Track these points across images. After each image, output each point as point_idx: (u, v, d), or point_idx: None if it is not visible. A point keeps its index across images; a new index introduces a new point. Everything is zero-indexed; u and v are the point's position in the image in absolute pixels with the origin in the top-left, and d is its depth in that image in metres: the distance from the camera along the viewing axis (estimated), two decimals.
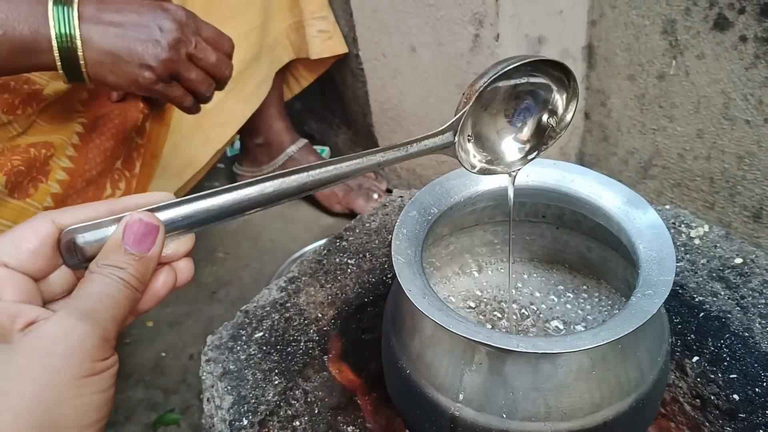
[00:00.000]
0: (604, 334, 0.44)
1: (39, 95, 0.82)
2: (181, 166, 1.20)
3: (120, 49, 0.77)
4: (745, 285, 0.67)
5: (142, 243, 0.43)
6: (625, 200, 0.55)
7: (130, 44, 0.77)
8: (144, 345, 1.26)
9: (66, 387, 0.38)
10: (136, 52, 0.77)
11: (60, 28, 0.74)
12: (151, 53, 0.78)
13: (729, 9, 0.83)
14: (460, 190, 0.58)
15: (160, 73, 0.79)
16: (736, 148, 0.91)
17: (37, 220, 0.42)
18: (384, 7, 1.16)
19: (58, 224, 0.42)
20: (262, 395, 0.63)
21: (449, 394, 0.49)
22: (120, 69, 0.78)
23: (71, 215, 0.43)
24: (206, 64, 0.84)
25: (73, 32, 0.75)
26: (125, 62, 0.77)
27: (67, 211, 0.43)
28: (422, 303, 0.46)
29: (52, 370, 0.38)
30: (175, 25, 0.79)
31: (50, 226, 0.42)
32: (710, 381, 0.62)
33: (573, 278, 0.67)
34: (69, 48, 0.75)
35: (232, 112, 1.24)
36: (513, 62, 0.48)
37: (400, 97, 1.28)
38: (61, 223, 0.42)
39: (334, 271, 0.76)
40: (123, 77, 0.79)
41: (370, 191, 1.47)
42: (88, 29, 0.76)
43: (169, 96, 0.84)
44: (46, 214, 0.42)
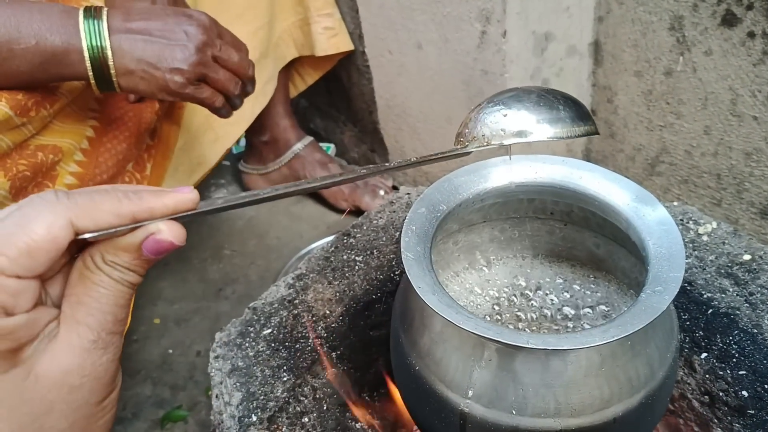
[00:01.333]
0: (614, 330, 0.44)
1: (53, 95, 0.82)
2: (192, 165, 1.21)
3: (150, 56, 0.79)
4: (754, 281, 0.67)
5: (162, 254, 0.41)
6: (634, 197, 0.55)
7: (158, 51, 0.79)
8: (151, 342, 1.26)
9: (92, 414, 0.40)
10: (165, 58, 0.80)
11: (91, 40, 0.76)
12: (179, 57, 0.80)
13: (737, 5, 0.82)
14: (469, 186, 0.58)
15: (190, 76, 0.82)
16: (743, 145, 0.91)
17: (56, 226, 0.37)
18: (390, 3, 1.16)
19: (77, 229, 0.38)
20: (270, 391, 0.63)
21: (459, 391, 0.49)
22: (150, 75, 0.80)
23: (91, 220, 0.38)
24: (231, 64, 0.86)
25: (104, 43, 0.77)
26: (155, 68, 0.80)
27: (88, 212, 0.38)
28: (432, 300, 0.46)
29: (81, 403, 0.39)
30: (200, 29, 0.82)
31: (69, 233, 0.37)
32: (719, 378, 0.62)
33: (581, 274, 0.67)
34: (100, 58, 0.77)
35: (241, 110, 1.25)
36: None
37: (406, 94, 1.28)
38: (80, 228, 0.38)
39: (341, 268, 0.76)
40: (154, 84, 0.81)
41: (376, 188, 1.47)
42: (118, 39, 0.78)
43: (199, 98, 0.85)
44: (63, 212, 0.37)
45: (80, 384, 0.38)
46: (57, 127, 0.87)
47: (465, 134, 0.51)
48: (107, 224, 0.38)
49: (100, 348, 0.39)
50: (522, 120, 0.49)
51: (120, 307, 0.40)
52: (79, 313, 0.39)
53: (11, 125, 0.78)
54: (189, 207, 0.41)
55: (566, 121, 0.49)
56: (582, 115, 0.50)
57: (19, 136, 0.80)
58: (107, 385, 0.40)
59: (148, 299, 1.35)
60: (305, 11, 1.37)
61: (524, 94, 0.50)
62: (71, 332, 0.38)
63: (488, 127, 0.49)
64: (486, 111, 0.50)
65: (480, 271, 0.68)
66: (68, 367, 0.38)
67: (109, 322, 0.39)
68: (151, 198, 0.40)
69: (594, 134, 0.50)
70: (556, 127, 0.49)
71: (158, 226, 0.39)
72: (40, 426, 0.38)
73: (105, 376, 0.40)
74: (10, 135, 0.79)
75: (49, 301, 0.40)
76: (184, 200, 0.41)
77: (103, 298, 0.39)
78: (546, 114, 0.49)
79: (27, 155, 0.81)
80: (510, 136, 0.49)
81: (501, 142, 0.49)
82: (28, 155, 0.81)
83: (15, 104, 0.78)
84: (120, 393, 0.42)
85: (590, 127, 0.50)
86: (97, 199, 0.38)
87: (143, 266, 0.40)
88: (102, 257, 0.39)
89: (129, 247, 0.39)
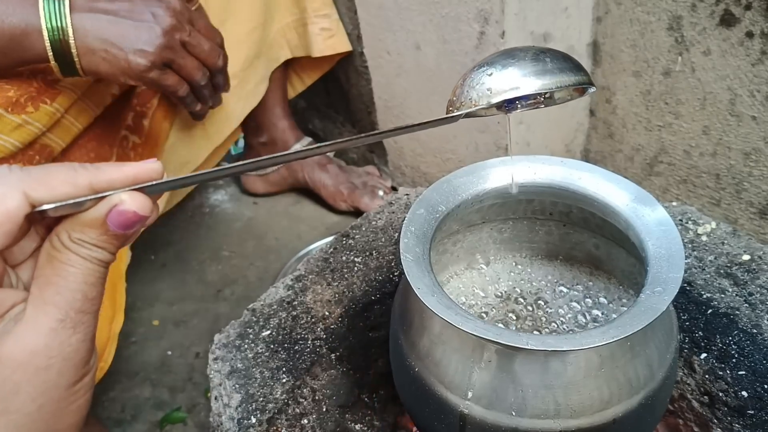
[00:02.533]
0: (614, 331, 0.43)
1: (52, 88, 0.80)
2: (180, 164, 1.20)
3: (113, 36, 0.76)
4: (753, 282, 0.67)
5: (129, 227, 0.39)
6: (633, 197, 0.55)
7: (123, 31, 0.76)
8: (150, 344, 1.26)
9: (63, 398, 0.38)
10: (129, 39, 0.76)
11: (51, 20, 0.73)
12: (144, 39, 0.77)
13: (735, 5, 0.82)
14: (468, 187, 0.58)
15: (155, 59, 0.79)
16: (742, 145, 0.91)
17: (8, 197, 0.36)
18: (388, 4, 1.16)
19: (32, 201, 0.36)
20: (270, 393, 0.63)
21: (458, 392, 0.49)
22: (113, 56, 0.77)
23: (46, 189, 0.37)
24: (200, 51, 0.83)
25: (64, 23, 0.74)
26: (119, 49, 0.77)
27: (42, 183, 0.37)
28: (431, 301, 0.46)
29: (50, 385, 0.38)
30: (170, 12, 0.79)
31: (23, 204, 0.36)
32: (718, 378, 0.61)
33: (581, 275, 0.66)
34: (61, 39, 0.74)
35: (231, 109, 1.26)
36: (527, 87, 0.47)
37: (404, 94, 1.28)
38: (35, 199, 0.36)
39: (340, 270, 0.76)
40: (116, 65, 0.78)
41: (375, 189, 1.47)
42: (80, 18, 0.75)
43: (163, 84, 0.82)
44: (17, 184, 0.36)
45: (47, 365, 0.37)
46: (68, 123, 0.85)
47: (453, 102, 0.49)
48: (64, 194, 0.37)
49: (69, 327, 0.38)
50: (508, 77, 0.47)
51: (90, 285, 0.38)
52: (46, 293, 0.38)
53: (8, 124, 0.77)
54: (152, 177, 0.39)
55: (554, 72, 0.47)
56: (573, 66, 0.47)
57: (26, 135, 0.79)
58: (78, 366, 0.39)
59: (147, 301, 1.35)
60: (301, 12, 1.37)
61: (514, 52, 0.48)
62: (38, 312, 0.37)
63: (474, 89, 0.48)
64: (472, 75, 0.48)
65: (479, 272, 0.68)
66: (35, 347, 0.37)
67: (78, 301, 0.38)
68: (110, 168, 0.38)
69: (587, 84, 0.48)
70: (544, 79, 0.46)
71: (120, 197, 0.38)
72: (5, 408, 0.37)
73: (75, 357, 0.38)
74: (16, 134, 0.78)
75: (20, 285, 0.39)
76: (147, 169, 0.39)
77: (71, 276, 0.38)
78: (532, 67, 0.47)
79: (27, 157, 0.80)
80: (497, 94, 0.47)
81: (488, 101, 0.47)
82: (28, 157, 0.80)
83: (4, 101, 0.76)
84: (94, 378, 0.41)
85: (582, 78, 0.47)
86: (51, 170, 0.37)
87: (112, 242, 0.39)
88: (68, 235, 0.38)
89: (94, 222, 0.38)
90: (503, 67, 0.47)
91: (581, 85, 0.47)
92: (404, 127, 0.45)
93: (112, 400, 1.16)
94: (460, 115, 0.48)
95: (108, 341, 0.96)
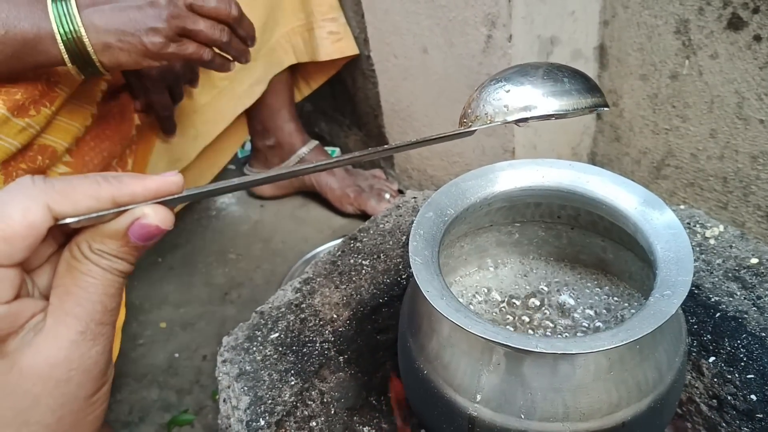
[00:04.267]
0: (623, 334, 0.44)
1: (52, 92, 0.81)
2: (171, 161, 1.22)
3: (123, 24, 0.77)
4: (762, 285, 0.67)
5: (150, 239, 0.39)
6: (641, 200, 0.55)
7: (129, 15, 0.77)
8: (157, 346, 1.26)
9: (82, 409, 0.39)
10: (138, 21, 0.77)
11: (62, 24, 0.75)
12: (152, 15, 0.78)
13: (743, 8, 0.82)
14: (476, 191, 0.58)
15: (168, 33, 0.79)
16: (749, 148, 0.91)
17: (32, 211, 0.35)
18: (396, 8, 1.16)
19: (55, 214, 0.36)
20: (278, 396, 0.64)
21: (467, 395, 0.49)
22: (128, 44, 0.78)
23: (69, 203, 0.36)
24: (208, 10, 0.83)
25: (76, 25, 0.75)
26: (131, 35, 0.77)
27: (65, 196, 0.36)
28: (440, 304, 0.46)
29: (70, 397, 0.38)
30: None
31: (46, 217, 0.36)
32: (727, 381, 0.61)
33: (589, 278, 0.67)
34: (75, 39, 0.75)
35: (223, 109, 1.27)
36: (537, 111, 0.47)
37: (411, 98, 1.28)
38: (58, 212, 0.36)
39: (348, 272, 0.76)
40: (134, 51, 0.78)
41: (381, 192, 1.47)
42: (88, 15, 0.76)
43: (184, 54, 0.82)
44: (40, 197, 0.36)
45: (68, 377, 0.37)
46: (63, 124, 0.86)
47: (468, 114, 0.49)
48: (86, 208, 0.37)
49: (89, 339, 0.38)
50: (526, 95, 0.47)
51: (109, 296, 0.38)
52: (66, 303, 0.37)
53: (13, 127, 0.78)
54: (173, 190, 0.39)
55: (572, 94, 0.46)
56: (589, 87, 0.47)
57: (26, 137, 0.80)
58: (97, 378, 0.39)
59: (154, 303, 1.36)
60: (308, 16, 1.37)
61: (529, 69, 0.48)
62: (58, 324, 0.37)
63: (491, 104, 0.47)
64: (489, 88, 0.48)
65: (487, 275, 0.68)
66: (55, 359, 0.37)
67: (98, 312, 0.38)
68: (132, 181, 0.38)
69: (603, 107, 0.47)
70: (562, 100, 0.46)
71: (143, 210, 0.38)
72: (25, 420, 0.37)
73: (94, 369, 0.38)
74: (19, 137, 0.79)
75: (36, 292, 0.39)
76: (168, 183, 0.39)
77: (91, 287, 0.38)
78: (551, 87, 0.47)
79: (29, 158, 0.81)
80: (514, 112, 0.47)
81: (504, 119, 0.47)
82: (30, 158, 0.81)
83: (12, 105, 0.77)
84: (111, 387, 0.41)
85: (598, 99, 0.47)
86: (75, 183, 0.37)
87: (132, 254, 0.39)
88: (89, 246, 0.38)
89: (115, 234, 0.38)
90: (521, 84, 0.47)
91: (597, 108, 0.47)
92: (419, 141, 0.45)
93: (120, 403, 1.16)
94: (474, 130, 0.48)
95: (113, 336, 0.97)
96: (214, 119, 1.27)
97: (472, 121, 0.48)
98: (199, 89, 1.20)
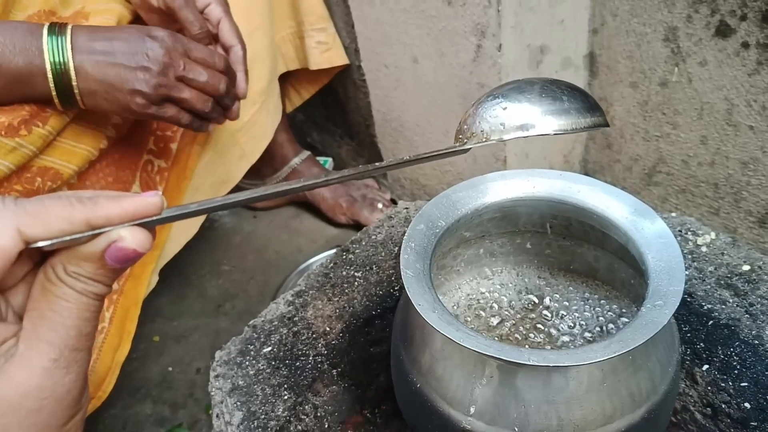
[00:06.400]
0: (615, 346, 0.43)
1: (43, 112, 0.81)
2: (215, 184, 1.19)
3: (112, 78, 0.79)
4: (754, 292, 0.67)
5: (128, 262, 0.38)
6: (632, 210, 0.55)
7: (120, 72, 0.80)
8: (151, 360, 1.26)
9: None
10: (126, 80, 0.80)
11: (54, 58, 0.76)
12: (140, 79, 0.80)
13: (730, 16, 0.83)
14: (467, 202, 0.58)
15: (151, 98, 0.82)
16: (740, 154, 0.91)
17: (1, 235, 0.34)
18: (385, 18, 1.17)
19: (26, 238, 0.35)
20: (271, 410, 0.63)
21: (460, 408, 0.49)
22: (113, 96, 0.81)
23: (41, 226, 0.35)
24: (198, 83, 0.86)
25: (66, 62, 0.77)
26: (117, 90, 0.80)
27: (37, 218, 0.35)
28: (432, 317, 0.46)
29: (41, 427, 0.36)
30: (163, 51, 0.82)
31: (17, 241, 0.35)
32: (721, 389, 0.61)
33: (581, 287, 0.66)
34: (63, 76, 0.78)
35: (264, 124, 1.25)
36: None
37: (402, 107, 1.29)
38: (29, 236, 0.35)
39: (341, 284, 0.76)
40: (116, 104, 0.81)
41: (374, 201, 1.47)
42: (80, 59, 0.78)
43: (162, 117, 0.86)
44: (10, 219, 0.35)
45: (39, 407, 0.36)
46: (67, 146, 0.86)
47: (464, 130, 0.48)
48: (59, 231, 0.36)
49: (63, 367, 0.36)
50: (523, 113, 0.46)
51: (85, 320, 0.37)
52: (40, 329, 0.36)
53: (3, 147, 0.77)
54: (152, 212, 0.38)
55: (571, 113, 0.46)
56: (589, 106, 0.46)
57: (19, 157, 0.79)
58: (70, 407, 0.37)
59: (147, 317, 1.35)
60: (298, 25, 1.38)
61: (526, 85, 0.47)
62: (31, 350, 0.36)
63: (487, 122, 0.47)
64: (485, 105, 0.47)
65: (480, 286, 0.68)
66: (26, 388, 0.35)
67: (73, 338, 0.37)
68: (108, 203, 0.37)
69: (603, 126, 0.46)
70: (561, 119, 0.45)
71: (120, 233, 0.37)
72: None
73: (68, 398, 0.37)
74: (10, 157, 0.78)
75: (10, 313, 0.38)
76: (146, 205, 0.37)
77: (66, 311, 0.36)
78: (549, 106, 0.46)
79: (26, 179, 0.80)
80: (511, 130, 0.46)
81: (500, 138, 0.46)
82: (27, 179, 0.80)
83: None
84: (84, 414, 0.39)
85: (598, 119, 0.46)
86: (47, 205, 0.36)
87: (109, 276, 0.38)
88: (64, 268, 0.37)
89: (91, 257, 0.37)
90: (518, 101, 0.46)
91: (596, 127, 0.47)
92: (413, 159, 0.45)
93: (114, 417, 1.15)
94: (469, 148, 0.47)
95: (109, 371, 0.95)
96: (258, 135, 1.25)
97: (468, 137, 0.47)
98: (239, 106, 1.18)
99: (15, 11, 0.86)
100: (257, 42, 1.16)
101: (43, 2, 0.88)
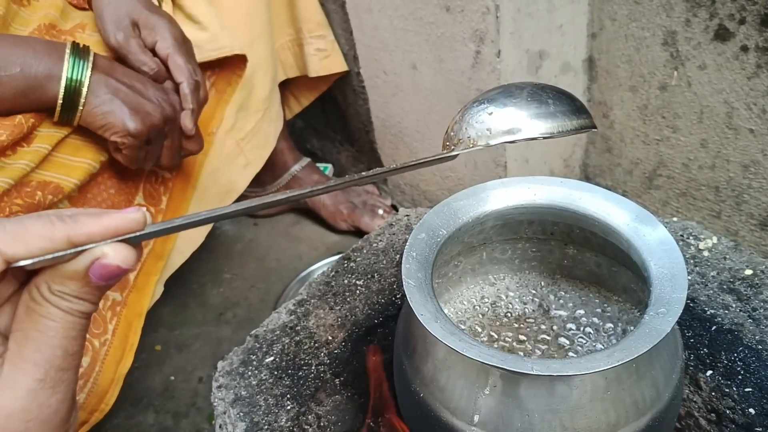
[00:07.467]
0: (619, 354, 0.43)
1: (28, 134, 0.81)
2: (220, 193, 1.18)
3: (117, 109, 0.83)
4: (757, 297, 0.67)
5: (112, 279, 0.37)
6: (633, 216, 0.55)
7: (123, 113, 0.84)
8: (153, 369, 1.25)
9: None
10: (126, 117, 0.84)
11: (72, 73, 0.80)
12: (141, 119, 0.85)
13: (729, 20, 0.83)
14: (468, 210, 0.58)
15: (137, 141, 0.86)
16: (740, 157, 0.91)
17: None
18: (384, 25, 1.17)
19: (6, 258, 0.35)
20: (274, 421, 0.63)
21: (464, 418, 0.49)
22: (109, 123, 0.84)
23: (21, 245, 0.35)
24: (167, 148, 0.93)
25: (83, 78, 0.81)
26: (112, 125, 0.84)
27: (17, 238, 0.35)
28: (434, 327, 0.46)
29: None
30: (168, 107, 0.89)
31: None
32: (725, 395, 0.61)
33: (584, 294, 0.66)
34: (74, 90, 0.81)
35: (267, 132, 1.25)
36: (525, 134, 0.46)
37: (402, 114, 1.29)
38: (10, 256, 0.35)
39: (342, 293, 0.76)
40: (106, 132, 0.85)
41: (375, 207, 1.47)
42: (98, 78, 0.82)
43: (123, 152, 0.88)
44: None
45: (24, 429, 0.35)
46: (63, 161, 0.86)
47: (451, 137, 0.48)
48: (40, 249, 0.35)
49: (48, 387, 0.36)
50: (509, 117, 0.46)
51: (71, 339, 0.37)
52: (25, 349, 0.36)
53: None
54: (134, 228, 0.37)
55: (557, 116, 0.46)
56: (575, 109, 0.46)
57: (13, 172, 0.79)
58: (58, 427, 0.37)
59: (149, 326, 1.34)
60: (297, 32, 1.38)
61: (513, 89, 0.47)
62: (16, 371, 0.35)
63: (474, 127, 0.47)
64: (471, 111, 0.47)
65: (482, 293, 0.68)
66: (11, 410, 0.35)
67: (59, 358, 0.36)
68: (89, 220, 0.36)
69: (590, 128, 0.47)
70: (547, 123, 0.46)
71: (102, 250, 0.36)
72: None
73: (54, 419, 0.36)
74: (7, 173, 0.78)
75: None
76: (128, 221, 0.37)
77: (51, 331, 0.36)
78: (535, 109, 0.46)
79: (26, 194, 0.80)
80: (497, 135, 0.46)
81: (487, 143, 0.46)
82: (27, 194, 0.80)
83: None
84: None
85: (584, 121, 0.46)
86: (27, 224, 0.35)
87: (94, 294, 0.37)
88: (48, 287, 0.36)
89: (75, 275, 0.36)
90: (504, 105, 0.46)
91: (584, 130, 0.47)
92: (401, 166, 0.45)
93: (116, 428, 1.15)
94: (456, 155, 0.47)
95: (112, 383, 0.94)
96: (262, 144, 1.24)
97: (455, 144, 0.48)
98: (243, 115, 1.18)
99: (15, 25, 0.86)
100: (259, 51, 1.16)
101: (43, 16, 0.88)
